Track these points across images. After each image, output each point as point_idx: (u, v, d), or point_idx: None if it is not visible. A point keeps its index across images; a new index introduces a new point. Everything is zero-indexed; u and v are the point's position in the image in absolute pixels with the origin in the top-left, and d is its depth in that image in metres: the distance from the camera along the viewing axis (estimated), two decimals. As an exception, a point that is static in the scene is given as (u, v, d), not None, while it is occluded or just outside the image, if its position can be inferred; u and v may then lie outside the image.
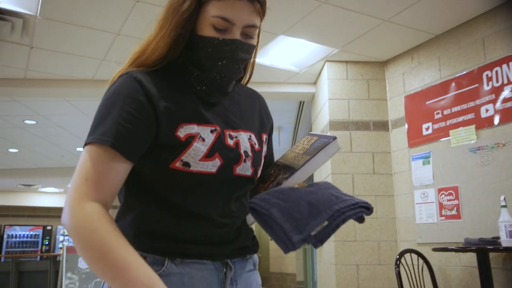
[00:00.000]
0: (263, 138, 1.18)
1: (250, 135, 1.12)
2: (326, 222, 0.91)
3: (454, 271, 3.72)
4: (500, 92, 3.48)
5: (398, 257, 3.71)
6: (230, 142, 1.05)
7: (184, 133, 1.00)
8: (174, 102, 1.02)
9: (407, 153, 4.23)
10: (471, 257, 3.50)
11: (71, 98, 5.52)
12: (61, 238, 13.83)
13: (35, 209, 14.08)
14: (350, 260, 4.19)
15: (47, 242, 14.03)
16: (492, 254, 3.29)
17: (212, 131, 1.03)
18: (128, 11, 3.59)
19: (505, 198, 3.16)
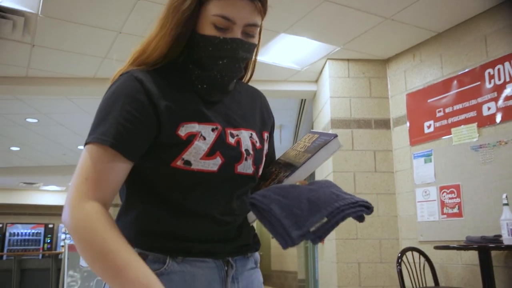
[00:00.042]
0: (264, 136, 1.17)
1: (251, 133, 1.11)
2: (326, 219, 0.92)
3: (455, 269, 3.72)
4: (502, 90, 3.47)
5: (399, 255, 3.71)
6: (231, 141, 1.05)
7: (185, 131, 1.00)
8: (175, 101, 1.02)
9: (409, 151, 4.22)
10: (473, 255, 3.49)
11: (73, 96, 5.52)
12: (62, 236, 13.85)
13: (37, 207, 14.11)
14: (352, 258, 4.19)
15: (49, 240, 14.06)
16: (494, 252, 3.29)
17: (213, 130, 1.03)
18: (129, 9, 3.59)
19: (507, 196, 3.16)
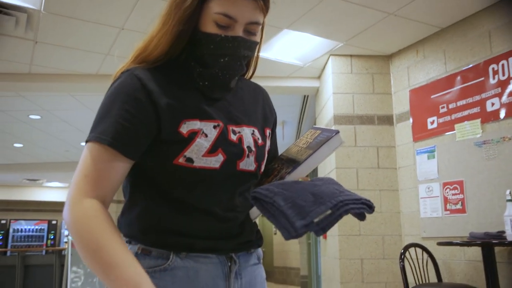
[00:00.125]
0: (267, 132, 1.17)
1: (253, 130, 1.11)
2: (330, 211, 0.93)
3: (458, 265, 3.72)
4: (506, 85, 3.45)
5: (402, 251, 3.71)
6: (233, 138, 1.05)
7: (186, 129, 1.00)
8: (176, 98, 1.02)
9: (412, 147, 4.22)
10: (476, 251, 3.49)
11: (76, 93, 5.53)
12: (66, 232, 13.89)
13: (40, 203, 14.17)
14: (355, 254, 4.19)
15: (52, 237, 14.12)
16: (497, 248, 3.29)
17: (215, 127, 1.03)
18: (132, 6, 3.58)
19: (510, 192, 3.15)
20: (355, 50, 4.47)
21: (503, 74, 3.47)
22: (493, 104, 3.54)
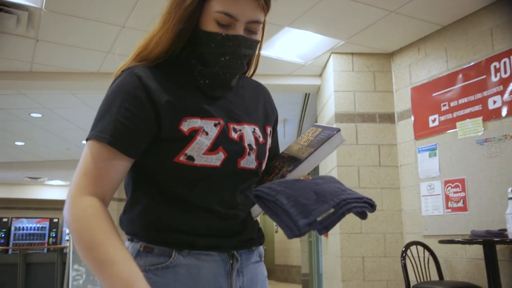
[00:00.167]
0: (268, 130, 1.17)
1: (254, 128, 1.11)
2: (333, 210, 0.93)
3: (460, 263, 3.72)
4: (508, 83, 3.45)
5: (404, 249, 3.71)
6: (234, 136, 1.05)
7: (187, 127, 1.00)
8: (177, 96, 1.02)
9: (413, 145, 4.21)
10: (478, 249, 3.49)
11: (77, 91, 5.53)
12: (67, 230, 13.93)
13: (42, 201, 14.18)
14: (356, 252, 4.19)
15: (54, 235, 14.15)
16: (498, 246, 3.28)
17: (215, 125, 1.03)
18: (133, 4, 3.58)
19: (512, 190, 3.14)
20: (357, 48, 4.47)
21: (505, 72, 3.46)
22: (495, 102, 3.53)
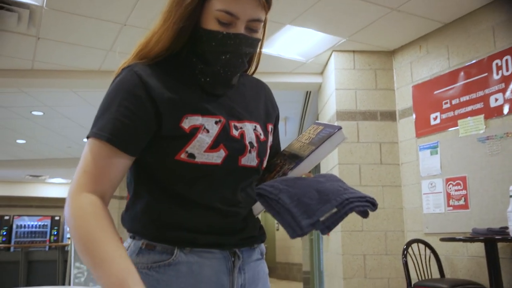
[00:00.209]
0: (269, 128, 1.17)
1: (256, 126, 1.11)
2: (335, 209, 0.93)
3: (461, 261, 3.71)
4: (510, 81, 3.44)
5: (405, 247, 3.71)
6: (235, 133, 1.05)
7: (188, 124, 1.00)
8: (178, 94, 1.02)
9: (415, 143, 4.21)
10: (479, 247, 3.49)
11: (78, 89, 5.53)
12: (68, 228, 13.96)
13: (43, 199, 14.21)
14: (357, 250, 4.19)
15: (55, 232, 14.18)
16: (500, 244, 3.28)
17: (216, 122, 1.03)
18: (134, 2, 3.58)
19: (513, 188, 3.14)
20: (358, 46, 4.46)
21: (507, 70, 3.45)
22: (496, 99, 3.52)
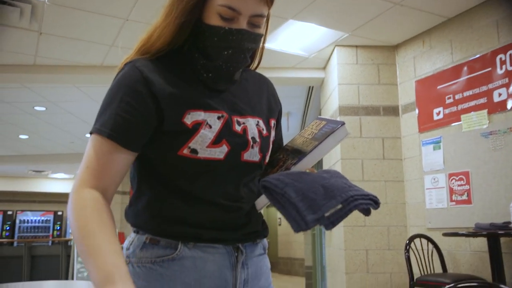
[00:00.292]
0: (271, 123, 1.17)
1: (258, 121, 1.11)
2: (340, 205, 0.94)
3: (464, 256, 3.71)
4: (513, 76, 3.42)
5: (407, 242, 3.71)
6: (238, 128, 1.05)
7: (191, 119, 1.00)
8: (180, 89, 1.02)
9: (417, 138, 4.20)
10: (482, 242, 3.48)
11: (80, 84, 5.53)
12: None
13: (46, 195, 14.25)
14: (360, 245, 4.19)
15: (58, 227, 14.24)
16: (503, 239, 3.28)
17: (219, 118, 1.03)
18: (136, -4, 3.57)
19: (517, 183, 3.13)
20: (361, 41, 4.44)
21: (511, 65, 3.43)
22: (500, 94, 3.51)
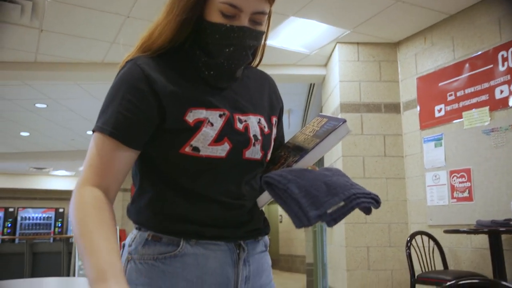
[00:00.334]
0: (273, 121, 1.17)
1: (260, 119, 1.11)
2: (343, 203, 0.95)
3: (465, 253, 3.71)
4: (515, 72, 3.41)
5: (409, 239, 3.72)
6: (239, 126, 1.05)
7: (192, 117, 1.00)
8: (182, 87, 1.02)
9: (419, 135, 4.19)
10: (483, 239, 3.48)
11: (82, 82, 5.53)
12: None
13: (47, 192, 14.28)
14: (361, 242, 4.19)
15: (60, 224, 14.27)
16: (504, 236, 3.28)
17: (220, 116, 1.03)
18: (137, -7, 3.56)
19: (518, 181, 3.13)
20: (362, 38, 4.43)
21: (512, 61, 3.43)
22: (502, 91, 3.50)
